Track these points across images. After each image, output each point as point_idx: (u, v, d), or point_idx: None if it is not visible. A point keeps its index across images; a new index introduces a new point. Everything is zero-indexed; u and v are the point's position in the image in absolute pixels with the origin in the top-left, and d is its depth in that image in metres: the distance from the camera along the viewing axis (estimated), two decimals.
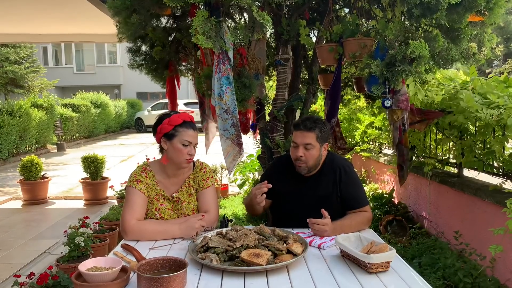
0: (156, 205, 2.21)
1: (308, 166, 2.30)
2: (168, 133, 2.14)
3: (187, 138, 2.14)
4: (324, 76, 3.95)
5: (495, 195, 3.17)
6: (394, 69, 2.71)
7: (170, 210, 2.23)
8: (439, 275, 3.14)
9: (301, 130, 2.28)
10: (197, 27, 2.47)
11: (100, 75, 27.96)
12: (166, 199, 2.23)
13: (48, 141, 13.78)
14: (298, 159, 2.28)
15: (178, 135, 2.14)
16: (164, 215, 2.21)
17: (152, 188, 2.21)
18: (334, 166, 2.37)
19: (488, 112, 2.88)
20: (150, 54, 4.25)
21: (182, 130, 2.14)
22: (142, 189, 2.16)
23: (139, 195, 2.14)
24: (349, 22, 3.10)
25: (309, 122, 2.29)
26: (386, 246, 1.72)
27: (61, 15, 6.64)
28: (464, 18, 2.80)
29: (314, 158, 2.28)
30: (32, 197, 6.39)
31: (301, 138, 2.28)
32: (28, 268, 3.77)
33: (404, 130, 3.26)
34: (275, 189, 2.30)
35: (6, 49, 16.74)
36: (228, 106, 2.75)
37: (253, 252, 1.68)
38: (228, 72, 2.73)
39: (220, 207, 5.80)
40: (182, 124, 2.15)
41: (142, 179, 2.19)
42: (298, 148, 2.28)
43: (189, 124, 2.18)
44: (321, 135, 2.28)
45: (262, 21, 2.54)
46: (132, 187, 2.15)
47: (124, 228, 2.08)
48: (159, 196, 2.22)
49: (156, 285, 1.43)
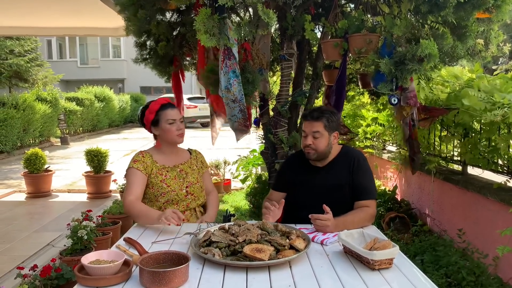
0: (160, 178, 2.37)
1: (318, 152, 2.34)
2: (153, 120, 2.37)
3: (170, 117, 2.35)
4: (329, 72, 3.93)
5: (500, 193, 3.15)
6: (404, 67, 2.69)
7: (174, 179, 2.39)
8: (441, 273, 3.14)
9: (309, 120, 2.36)
10: (200, 25, 2.48)
11: (104, 69, 27.96)
12: (169, 170, 2.40)
13: (52, 134, 13.82)
14: (307, 146, 2.34)
15: (161, 118, 2.36)
16: (170, 183, 2.37)
17: (151, 166, 2.37)
18: (348, 157, 2.41)
19: (493, 112, 2.86)
20: (155, 48, 4.24)
21: (162, 112, 2.36)
22: (139, 167, 2.34)
23: (137, 174, 2.32)
24: (354, 17, 3.08)
25: (316, 112, 2.37)
26: (390, 243, 1.71)
27: (65, 8, 6.63)
28: (471, 15, 2.78)
29: (324, 145, 2.33)
30: (36, 190, 6.41)
31: (309, 127, 2.35)
32: (31, 261, 3.78)
33: (414, 125, 3.34)
34: (288, 179, 2.45)
35: (11, 41, 16.75)
36: (236, 96, 2.87)
37: (255, 247, 1.67)
38: (234, 66, 2.81)
39: (223, 202, 5.81)
40: (160, 108, 2.37)
41: (139, 159, 2.37)
42: (307, 137, 2.34)
43: (167, 105, 2.40)
44: (328, 124, 2.34)
45: (267, 19, 2.54)
46: (130, 168, 2.35)
47: (123, 205, 2.31)
48: (161, 170, 2.39)
49: (158, 279, 1.43)
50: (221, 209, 5.23)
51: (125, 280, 1.54)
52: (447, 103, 3.66)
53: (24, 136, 11.70)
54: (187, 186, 2.41)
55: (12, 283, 3.23)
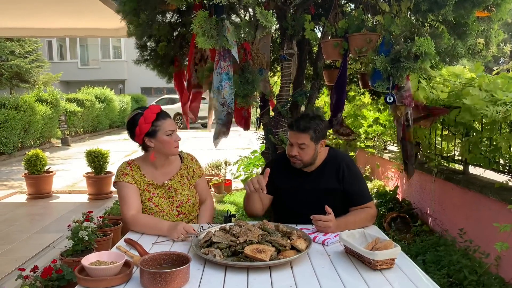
0: (148, 195, 2.23)
1: (304, 163, 2.29)
2: (149, 131, 2.16)
3: (169, 128, 2.18)
4: (329, 71, 3.93)
5: (501, 193, 3.14)
6: (399, 65, 2.68)
7: (163, 197, 2.26)
8: (443, 273, 3.13)
9: (295, 131, 2.27)
10: (197, 28, 2.46)
11: (105, 70, 28.00)
12: (156, 187, 2.25)
13: (52, 135, 13.83)
14: (293, 156, 2.28)
15: (160, 129, 2.16)
16: (158, 203, 2.23)
17: (139, 180, 2.23)
18: (336, 162, 2.35)
19: (495, 109, 2.86)
20: (155, 49, 4.25)
21: (160, 123, 2.17)
22: (130, 180, 2.20)
23: (129, 187, 2.18)
24: (354, 17, 3.07)
25: (303, 122, 2.25)
26: (391, 243, 1.70)
27: (66, 9, 6.63)
28: (471, 13, 2.77)
29: (309, 156, 2.28)
30: (37, 191, 6.40)
31: (295, 138, 2.27)
32: (32, 262, 3.78)
33: (408, 126, 3.26)
34: (276, 185, 2.31)
35: (11, 42, 16.77)
36: (225, 100, 2.81)
37: (256, 248, 1.67)
38: (228, 68, 2.76)
39: (224, 203, 5.80)
40: (157, 117, 2.17)
41: (128, 172, 2.22)
42: (293, 147, 2.27)
43: (163, 114, 2.21)
44: (315, 135, 2.25)
45: (265, 23, 2.53)
46: (120, 182, 2.20)
47: (125, 222, 2.17)
48: (148, 186, 2.24)
49: (159, 280, 1.43)
50: (222, 210, 5.23)
51: (126, 281, 1.54)
52: (448, 102, 3.65)
53: (25, 137, 11.71)
54: (177, 206, 2.27)
55: (13, 284, 3.23)
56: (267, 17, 2.51)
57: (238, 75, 2.91)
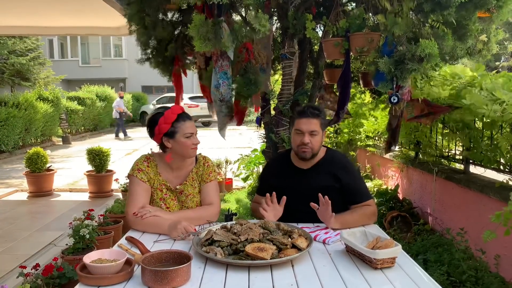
0: (160, 195, 2.23)
1: (313, 151, 2.30)
2: (168, 131, 2.14)
3: (188, 131, 2.15)
4: (330, 71, 3.93)
5: (502, 192, 3.14)
6: (403, 67, 2.68)
7: (174, 200, 2.26)
8: (443, 271, 3.13)
9: (308, 117, 2.28)
10: (193, 32, 2.47)
11: (106, 69, 27.95)
12: (169, 189, 2.25)
13: (53, 133, 13.85)
14: (304, 145, 2.27)
15: (179, 130, 2.14)
16: (169, 205, 2.24)
17: (154, 178, 2.22)
18: (334, 161, 2.37)
19: (493, 108, 2.86)
20: (156, 48, 4.25)
21: (180, 124, 2.14)
22: (143, 178, 2.19)
23: (140, 185, 2.18)
24: (355, 16, 3.07)
25: (313, 109, 2.31)
26: (392, 241, 1.71)
27: (67, 8, 6.64)
28: (473, 14, 2.77)
29: (319, 144, 2.31)
30: (38, 189, 6.42)
31: (307, 125, 2.27)
32: (33, 260, 3.79)
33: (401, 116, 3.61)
34: (273, 185, 2.34)
35: (12, 39, 16.77)
36: (224, 97, 2.89)
37: (257, 246, 1.67)
38: (226, 68, 2.81)
39: (225, 201, 5.81)
40: (178, 118, 2.14)
41: (143, 168, 2.21)
42: (304, 135, 2.26)
43: (184, 116, 2.18)
44: (323, 121, 2.32)
45: (258, 27, 2.52)
46: (133, 176, 2.19)
47: (126, 217, 2.17)
48: (162, 186, 2.24)
49: (160, 278, 1.44)
50: (223, 208, 5.23)
51: (127, 279, 1.54)
52: (449, 102, 3.65)
53: (26, 136, 11.72)
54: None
55: (14, 282, 3.24)
56: (261, 21, 2.51)
57: (242, 76, 2.94)
